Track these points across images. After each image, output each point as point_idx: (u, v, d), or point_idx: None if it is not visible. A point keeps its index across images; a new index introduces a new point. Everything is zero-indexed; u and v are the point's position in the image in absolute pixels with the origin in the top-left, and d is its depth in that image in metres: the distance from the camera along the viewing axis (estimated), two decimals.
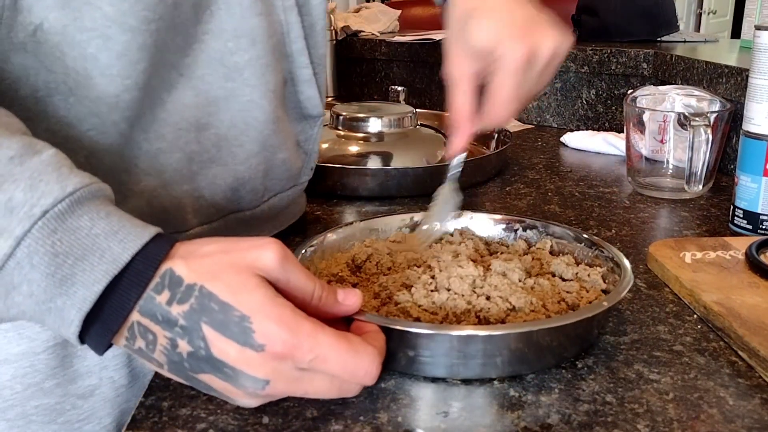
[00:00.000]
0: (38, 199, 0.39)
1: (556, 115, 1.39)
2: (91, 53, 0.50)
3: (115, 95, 0.51)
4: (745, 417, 0.45)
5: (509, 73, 0.57)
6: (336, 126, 1.03)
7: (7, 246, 0.38)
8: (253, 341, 0.39)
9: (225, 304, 0.40)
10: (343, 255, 0.62)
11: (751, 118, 0.75)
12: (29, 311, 0.40)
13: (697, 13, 4.57)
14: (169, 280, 0.40)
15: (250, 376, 0.40)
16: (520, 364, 0.49)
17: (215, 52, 0.58)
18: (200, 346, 0.40)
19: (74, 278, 0.39)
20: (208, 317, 0.40)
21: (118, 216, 0.41)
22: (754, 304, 0.57)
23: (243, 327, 0.39)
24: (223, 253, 0.42)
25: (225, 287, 0.40)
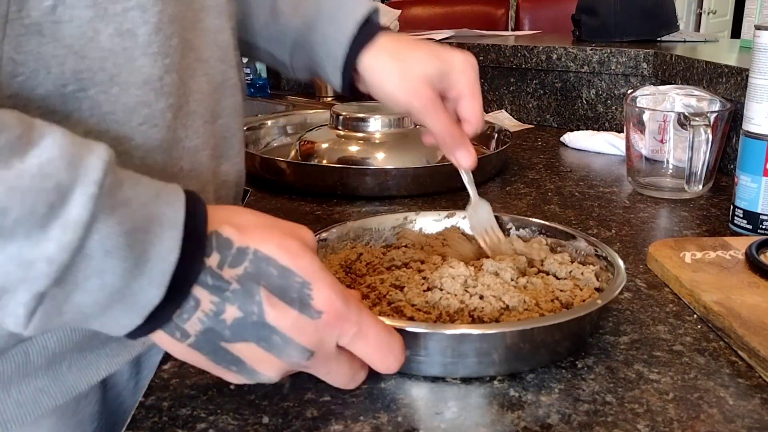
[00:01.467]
0: (86, 176, 0.34)
1: (556, 115, 1.39)
2: (129, 29, 0.44)
3: (159, 78, 0.47)
4: (745, 417, 0.45)
5: (474, 83, 0.63)
6: (336, 126, 1.03)
7: (76, 237, 0.33)
8: (311, 308, 0.38)
9: (285, 268, 0.38)
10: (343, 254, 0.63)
11: (751, 118, 0.75)
12: (91, 309, 0.36)
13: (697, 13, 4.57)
14: (217, 242, 0.38)
15: (299, 346, 0.39)
16: (516, 362, 0.49)
17: (210, 32, 0.55)
18: (252, 312, 0.38)
19: (147, 254, 0.35)
20: (266, 281, 0.38)
21: (144, 177, 0.38)
22: (754, 304, 0.57)
23: (303, 293, 0.38)
24: (265, 222, 0.41)
25: (283, 251, 0.39)
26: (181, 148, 0.52)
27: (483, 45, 1.43)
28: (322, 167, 0.97)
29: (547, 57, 1.35)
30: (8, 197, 0.32)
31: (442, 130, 0.62)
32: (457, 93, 0.63)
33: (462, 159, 0.64)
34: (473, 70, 0.63)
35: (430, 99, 0.61)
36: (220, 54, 0.56)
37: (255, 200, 0.92)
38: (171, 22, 0.48)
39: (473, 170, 0.65)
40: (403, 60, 0.62)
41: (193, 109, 0.53)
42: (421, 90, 0.61)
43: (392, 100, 0.63)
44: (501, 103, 1.45)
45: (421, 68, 0.62)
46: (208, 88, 0.55)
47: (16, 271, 0.33)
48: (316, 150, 1.01)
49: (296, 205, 0.90)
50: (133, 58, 0.45)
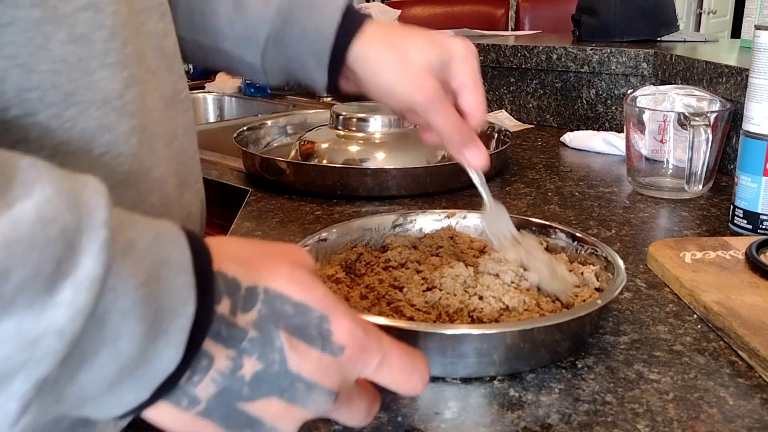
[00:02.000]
0: (91, 216, 0.27)
1: (556, 115, 1.39)
2: (82, 33, 0.37)
3: (120, 94, 0.40)
4: (745, 417, 0.45)
5: (475, 72, 0.56)
6: (336, 126, 1.03)
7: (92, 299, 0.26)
8: (332, 345, 0.33)
9: (301, 304, 0.33)
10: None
11: (751, 117, 0.75)
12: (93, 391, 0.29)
13: (697, 13, 4.57)
14: (225, 284, 0.32)
15: (324, 389, 0.33)
16: (515, 361, 0.49)
17: (153, 37, 0.47)
18: (274, 360, 0.32)
19: (163, 309, 0.29)
20: (285, 322, 0.33)
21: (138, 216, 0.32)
22: (754, 304, 0.57)
23: (322, 329, 0.33)
24: (263, 250, 0.35)
25: (294, 285, 0.33)
26: (150, 180, 0.44)
27: (483, 45, 1.43)
28: (322, 167, 0.97)
29: (547, 57, 1.35)
30: (7, 255, 0.24)
31: (449, 126, 0.55)
32: (459, 84, 0.56)
33: (473, 158, 0.57)
34: (475, 58, 0.56)
35: (435, 92, 0.54)
36: (167, 63, 0.48)
37: (255, 200, 0.92)
38: (124, 25, 0.40)
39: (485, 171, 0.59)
40: (400, 48, 0.55)
41: (153, 130, 0.44)
42: (424, 82, 0.54)
43: (391, 95, 0.55)
44: (501, 103, 1.45)
45: (421, 57, 0.54)
46: (161, 105, 0.47)
47: (15, 355, 0.25)
48: (316, 150, 1.01)
49: (296, 205, 0.90)
50: (89, 70, 0.38)
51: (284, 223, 0.83)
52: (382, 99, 0.56)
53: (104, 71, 0.39)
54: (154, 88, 0.45)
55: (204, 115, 1.77)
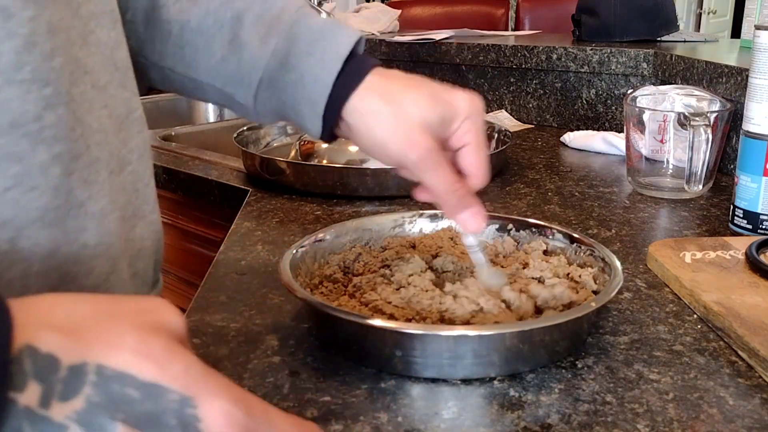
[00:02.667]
0: None
1: (556, 115, 1.39)
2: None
3: (36, 116, 0.34)
4: (745, 417, 0.45)
5: (479, 130, 0.52)
6: None
7: None
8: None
9: (152, 385, 0.25)
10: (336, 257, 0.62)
11: (751, 117, 0.75)
12: None
13: (697, 13, 4.57)
14: (35, 364, 0.24)
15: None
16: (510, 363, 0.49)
17: (105, 48, 0.42)
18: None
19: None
20: (126, 411, 0.25)
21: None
22: (754, 304, 0.57)
23: (185, 416, 0.26)
24: (108, 312, 0.28)
25: (143, 359, 0.26)
26: (83, 216, 0.38)
27: (483, 45, 1.43)
28: (322, 167, 0.97)
29: (547, 57, 1.35)
30: None
31: (443, 188, 0.51)
32: (460, 142, 0.52)
33: (468, 223, 0.53)
34: (480, 114, 0.52)
35: (428, 150, 0.50)
36: (119, 77, 0.44)
37: (255, 200, 0.92)
38: (51, 32, 0.35)
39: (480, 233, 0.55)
40: (397, 102, 0.51)
41: (95, 156, 0.39)
42: (418, 139, 0.50)
43: (383, 150, 0.51)
44: (501, 103, 1.45)
45: (418, 112, 0.50)
46: (111, 125, 0.41)
47: None
48: (316, 150, 1.01)
49: (296, 205, 0.90)
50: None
51: (284, 223, 0.83)
52: (375, 154, 0.53)
53: (13, 89, 0.33)
54: (102, 106, 0.40)
55: (204, 115, 1.77)
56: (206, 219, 1.09)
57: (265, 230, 0.81)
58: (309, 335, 0.55)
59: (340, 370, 0.50)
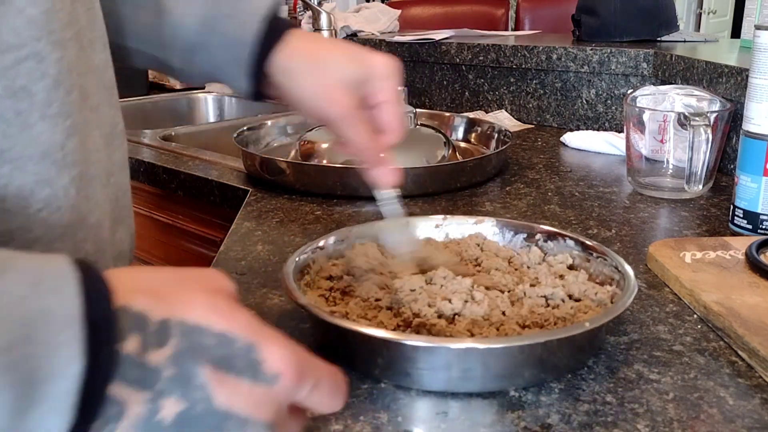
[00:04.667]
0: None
1: (556, 115, 1.39)
2: (23, 86, 0.36)
3: (61, 146, 0.38)
4: (745, 417, 0.45)
5: (395, 89, 0.56)
6: None
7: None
8: (264, 374, 0.31)
9: (223, 334, 0.31)
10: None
11: (751, 117, 0.75)
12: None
13: (697, 13, 4.57)
14: (131, 320, 0.29)
15: (259, 424, 0.31)
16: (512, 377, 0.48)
17: (96, 70, 0.45)
18: (198, 399, 0.30)
19: (40, 372, 0.27)
20: (207, 355, 0.30)
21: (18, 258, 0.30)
22: (754, 304, 0.57)
23: (250, 359, 0.31)
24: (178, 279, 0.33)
25: (214, 314, 0.31)
26: (86, 228, 0.42)
27: (483, 45, 1.43)
28: (322, 167, 0.97)
29: (547, 57, 1.35)
30: None
31: (359, 143, 0.56)
32: (377, 100, 0.56)
33: (382, 177, 0.57)
34: (395, 75, 0.56)
35: (347, 108, 0.55)
36: (107, 97, 0.47)
37: (255, 200, 0.92)
38: (70, 70, 0.39)
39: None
40: (320, 62, 0.55)
41: (93, 174, 0.43)
42: (339, 97, 0.55)
43: (306, 107, 0.56)
44: (501, 103, 1.45)
45: (339, 72, 0.55)
46: (101, 143, 0.45)
47: None
48: (316, 150, 1.01)
49: (296, 205, 0.90)
50: (29, 124, 0.36)
51: (284, 223, 0.83)
52: (300, 109, 0.57)
53: (45, 123, 0.37)
54: (96, 127, 0.43)
55: (204, 115, 1.77)
56: (206, 219, 1.09)
57: (265, 230, 0.81)
58: (309, 335, 0.55)
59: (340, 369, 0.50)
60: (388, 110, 0.56)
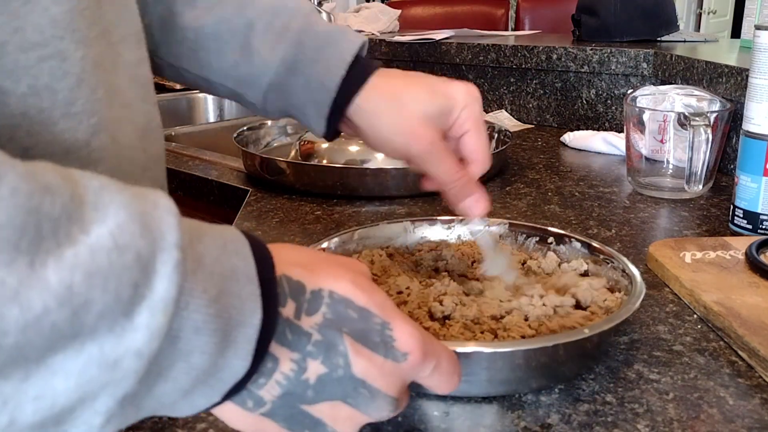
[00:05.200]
0: (163, 239, 0.28)
1: (556, 115, 1.39)
2: (46, 84, 0.36)
3: (86, 143, 0.38)
4: (745, 417, 0.45)
5: (478, 118, 0.56)
6: None
7: (167, 320, 0.27)
8: (396, 351, 0.34)
9: (364, 309, 0.34)
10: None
11: (751, 118, 0.75)
12: (169, 399, 0.30)
13: (697, 13, 4.57)
14: (290, 288, 0.33)
15: (387, 396, 0.34)
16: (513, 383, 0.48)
17: (129, 66, 0.45)
18: (338, 365, 0.33)
19: (232, 321, 0.30)
20: (348, 327, 0.33)
21: (197, 222, 0.33)
22: (754, 304, 0.57)
23: (385, 336, 0.34)
24: (325, 258, 0.36)
25: (358, 290, 0.34)
26: None
27: (483, 45, 1.43)
28: (322, 167, 0.97)
29: (547, 57, 1.35)
30: (89, 286, 0.25)
31: (448, 176, 0.54)
32: (460, 130, 0.56)
33: (473, 208, 0.56)
34: (477, 102, 0.56)
35: (431, 142, 0.54)
36: (142, 93, 0.47)
37: (255, 200, 0.92)
38: (95, 68, 0.39)
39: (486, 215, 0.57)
40: (399, 100, 0.55)
41: (126, 170, 0.43)
42: (421, 132, 0.54)
43: (389, 145, 0.56)
44: (501, 103, 1.45)
45: (419, 107, 0.54)
46: (135, 138, 0.45)
47: (98, 376, 0.26)
48: (316, 150, 1.01)
49: (296, 205, 0.90)
50: (53, 122, 0.36)
51: (284, 223, 0.83)
52: (381, 149, 0.57)
53: (68, 121, 0.37)
54: (128, 122, 0.44)
55: (204, 115, 1.77)
56: (206, 219, 1.09)
57: (265, 230, 0.81)
58: None
59: None
60: (473, 140, 0.55)
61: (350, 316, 0.34)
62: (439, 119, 0.55)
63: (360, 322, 0.34)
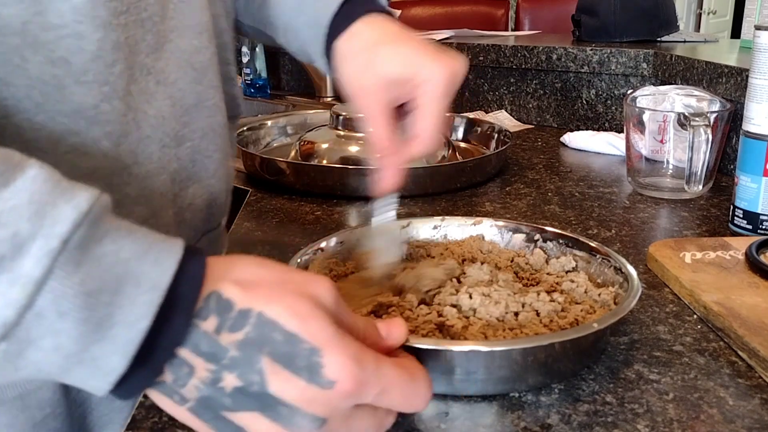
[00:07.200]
0: (51, 227, 0.31)
1: (556, 115, 1.39)
2: (62, 57, 0.42)
3: (94, 106, 0.44)
4: (745, 417, 0.45)
5: (435, 97, 0.54)
6: (336, 126, 1.03)
7: (24, 295, 0.30)
8: (321, 378, 0.34)
9: (292, 334, 0.34)
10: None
11: (751, 118, 0.75)
12: (48, 368, 0.33)
13: (697, 13, 4.57)
14: (217, 304, 0.34)
15: (308, 415, 0.35)
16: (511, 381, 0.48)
17: (183, 53, 0.52)
18: (254, 381, 0.34)
19: (112, 318, 0.32)
20: (269, 347, 0.34)
21: (141, 232, 0.35)
22: (754, 304, 0.57)
23: (312, 362, 0.34)
24: (278, 279, 0.37)
25: (291, 315, 0.35)
26: (127, 175, 0.48)
27: (483, 45, 1.43)
28: (322, 167, 0.97)
29: (547, 57, 1.35)
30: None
31: (374, 140, 0.56)
32: (413, 105, 0.55)
33: (384, 180, 0.56)
34: (443, 81, 0.53)
35: (373, 103, 0.55)
36: (194, 75, 0.53)
37: (255, 200, 0.92)
38: (115, 48, 0.45)
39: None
40: (373, 54, 0.56)
41: (147, 134, 0.49)
42: (366, 90, 0.55)
43: (344, 90, 0.58)
44: (501, 103, 1.45)
45: (381, 67, 0.55)
46: (172, 112, 0.51)
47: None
48: (316, 150, 1.01)
49: (296, 206, 0.90)
50: (63, 86, 0.43)
51: (284, 223, 0.83)
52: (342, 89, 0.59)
53: (79, 87, 0.43)
54: (166, 97, 0.50)
55: None
56: None
57: (265, 230, 0.81)
58: None
59: None
60: (419, 118, 0.54)
61: (275, 338, 0.34)
62: (395, 86, 0.54)
63: (285, 346, 0.34)
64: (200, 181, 0.57)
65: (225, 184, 0.61)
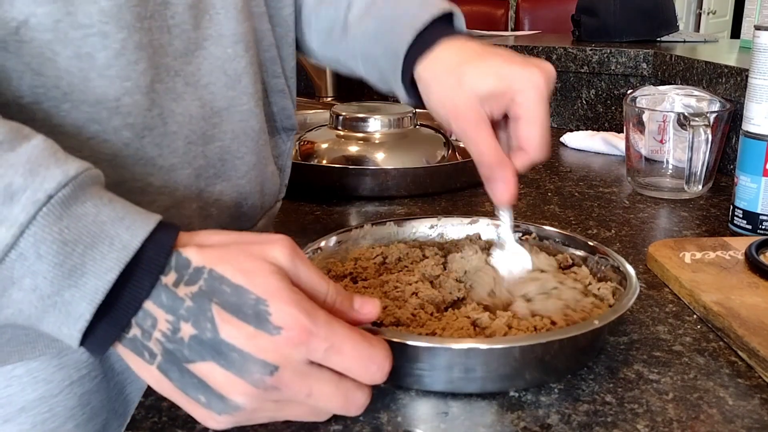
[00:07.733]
0: (41, 184, 0.36)
1: (556, 115, 1.39)
2: (87, 52, 0.47)
3: (115, 98, 0.49)
4: (745, 417, 0.45)
5: (535, 104, 0.53)
6: (336, 126, 1.03)
7: (10, 235, 0.35)
8: (268, 324, 0.37)
9: (238, 286, 0.38)
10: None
11: (751, 118, 0.75)
12: (27, 309, 0.37)
13: (696, 13, 4.57)
14: (176, 262, 0.39)
15: (258, 360, 0.37)
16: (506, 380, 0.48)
17: (217, 59, 0.56)
18: (206, 328, 0.37)
19: (84, 268, 0.36)
20: (219, 298, 0.38)
21: (121, 202, 0.39)
22: (754, 304, 0.57)
23: (258, 310, 0.38)
24: (233, 242, 0.41)
25: (237, 271, 0.38)
26: (151, 166, 0.53)
27: None
28: (322, 167, 0.97)
29: (547, 57, 1.35)
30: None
31: (480, 158, 0.54)
32: (515, 115, 0.54)
33: (498, 192, 0.55)
34: (536, 89, 0.53)
35: (470, 122, 0.54)
36: (227, 81, 0.57)
37: None
38: (138, 48, 0.49)
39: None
40: (459, 74, 0.55)
41: (172, 130, 0.53)
42: (462, 110, 0.54)
43: (436, 116, 0.58)
44: None
45: (473, 85, 0.54)
46: (201, 112, 0.55)
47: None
48: (316, 150, 1.01)
49: (296, 205, 0.90)
50: (87, 78, 0.48)
51: (284, 223, 0.83)
52: (433, 116, 0.59)
53: (102, 80, 0.48)
54: (194, 98, 0.55)
55: None
56: None
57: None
58: None
59: None
60: (522, 128, 0.54)
61: (223, 290, 0.38)
62: (489, 102, 0.54)
63: (232, 296, 0.38)
64: (229, 180, 0.60)
65: (258, 186, 0.64)
